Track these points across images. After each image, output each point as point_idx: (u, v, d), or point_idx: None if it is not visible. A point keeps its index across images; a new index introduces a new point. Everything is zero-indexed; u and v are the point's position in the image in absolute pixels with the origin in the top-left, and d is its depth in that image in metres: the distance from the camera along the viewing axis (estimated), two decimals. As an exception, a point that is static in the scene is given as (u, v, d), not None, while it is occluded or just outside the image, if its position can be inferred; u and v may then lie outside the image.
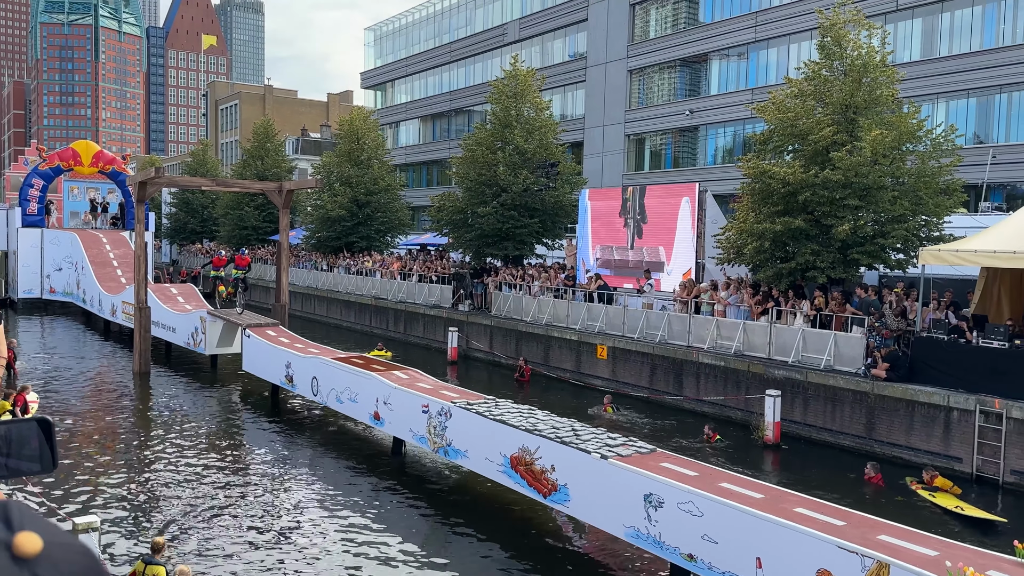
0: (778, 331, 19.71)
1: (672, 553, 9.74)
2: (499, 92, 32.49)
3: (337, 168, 42.52)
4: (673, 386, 21.70)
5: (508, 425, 12.49)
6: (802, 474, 15.85)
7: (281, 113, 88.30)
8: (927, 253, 17.13)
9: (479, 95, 50.38)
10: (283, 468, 15.70)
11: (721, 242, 22.59)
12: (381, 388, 16.01)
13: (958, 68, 31.00)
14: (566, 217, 31.87)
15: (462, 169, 32.50)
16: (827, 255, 19.70)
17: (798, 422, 18.44)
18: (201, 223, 65.29)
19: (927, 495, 14.01)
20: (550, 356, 25.87)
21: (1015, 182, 30.25)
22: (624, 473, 10.40)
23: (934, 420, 16.16)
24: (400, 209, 43.54)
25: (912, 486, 14.52)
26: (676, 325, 22.25)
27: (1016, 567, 7.47)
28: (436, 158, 60.04)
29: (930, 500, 13.81)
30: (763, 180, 20.66)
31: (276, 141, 56.37)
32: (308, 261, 46.01)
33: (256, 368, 21.78)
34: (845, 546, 7.91)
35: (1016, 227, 16.15)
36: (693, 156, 42.55)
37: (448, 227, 33.32)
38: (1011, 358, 15.45)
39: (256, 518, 12.81)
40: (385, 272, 37.37)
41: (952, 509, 13.18)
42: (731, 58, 40.06)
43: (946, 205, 19.90)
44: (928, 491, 14.13)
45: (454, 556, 11.62)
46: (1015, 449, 14.91)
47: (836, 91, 20.38)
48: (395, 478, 15.26)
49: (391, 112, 65.92)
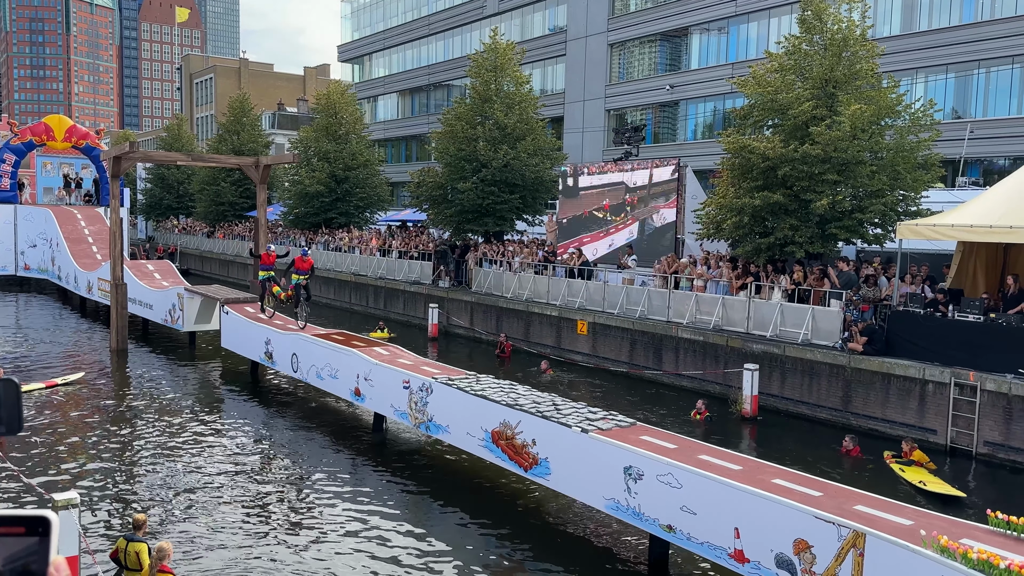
0: (756, 306, 19.85)
1: (651, 524, 9.83)
2: (478, 66, 32.19)
3: (315, 143, 42.06)
4: (653, 361, 21.83)
5: (489, 400, 12.51)
6: (779, 446, 16.04)
7: (257, 87, 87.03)
8: (905, 228, 17.27)
9: (458, 69, 49.93)
10: (263, 444, 15.66)
11: (701, 217, 22.64)
12: (362, 364, 15.96)
13: (937, 43, 31.11)
14: (546, 193, 31.77)
15: (441, 144, 32.25)
16: (806, 230, 19.80)
17: (776, 395, 18.63)
18: (177, 199, 64.52)
19: (897, 469, 14.18)
20: (531, 332, 25.91)
21: (992, 157, 30.54)
22: (604, 446, 10.46)
23: (909, 393, 16.40)
24: (379, 185, 43.21)
25: (888, 461, 14.69)
26: (656, 300, 22.34)
27: (989, 535, 7.61)
28: (415, 133, 59.55)
29: (900, 475, 13.97)
30: (743, 155, 20.68)
31: (252, 116, 55.61)
32: (286, 237, 45.63)
33: (235, 345, 21.64)
34: (822, 516, 8.02)
35: (992, 202, 16.31)
36: (673, 131, 42.51)
37: (428, 203, 33.11)
38: (986, 332, 15.67)
39: (236, 494, 12.78)
40: (364, 249, 37.14)
41: (916, 484, 13.31)
42: (711, 32, 39.92)
43: (924, 180, 20.04)
44: (901, 465, 14.30)
45: (436, 530, 11.67)
46: (988, 421, 15.17)
47: (816, 65, 20.37)
48: (376, 453, 15.27)
49: (369, 86, 65.18)
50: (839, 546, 7.80)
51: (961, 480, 14.06)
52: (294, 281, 19.96)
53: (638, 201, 25.64)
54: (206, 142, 74.08)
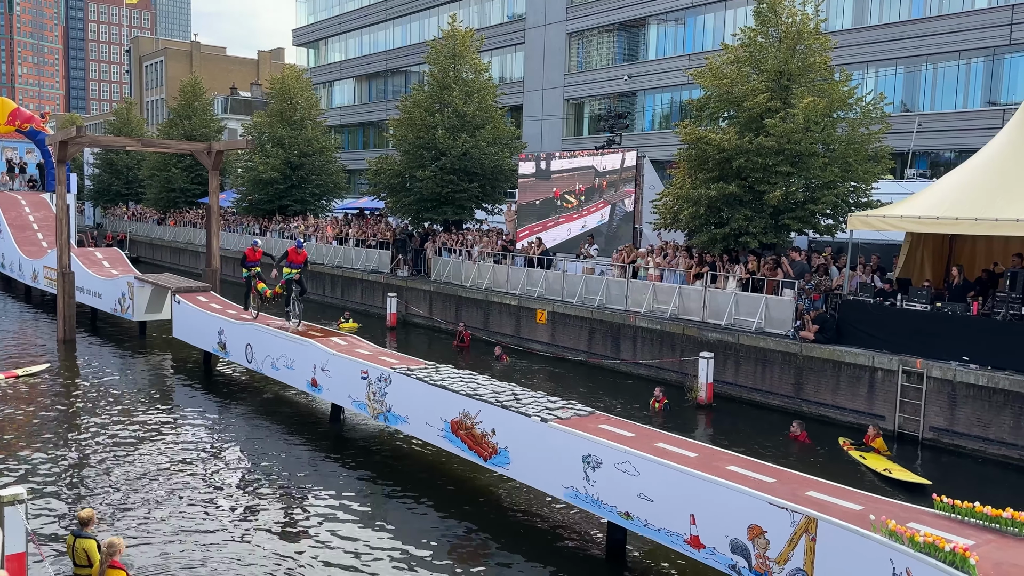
0: (712, 295, 20.13)
1: (609, 512, 9.94)
2: (437, 53, 31.94)
3: (269, 128, 41.36)
4: (611, 349, 22.02)
5: (449, 390, 12.49)
6: (734, 433, 16.32)
7: (209, 71, 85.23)
8: (855, 219, 17.67)
9: (416, 55, 49.50)
10: (217, 437, 15.42)
11: (658, 208, 22.84)
12: (319, 355, 15.80)
13: (887, 37, 31.79)
14: (506, 182, 31.71)
15: (399, 131, 31.95)
16: (760, 220, 20.11)
17: (730, 383, 18.95)
18: (126, 185, 62.98)
19: (858, 456, 14.46)
20: (490, 321, 25.91)
21: (939, 150, 31.36)
22: (563, 435, 10.53)
23: (859, 380, 16.81)
24: (336, 172, 42.69)
25: (845, 448, 14.95)
26: (614, 290, 22.51)
27: (935, 518, 7.86)
28: (372, 119, 58.93)
29: (861, 462, 14.24)
30: (699, 146, 20.90)
31: (204, 100, 54.44)
32: (240, 225, 44.85)
33: (187, 335, 21.24)
34: (775, 502, 8.18)
35: (939, 194, 16.75)
36: (632, 121, 42.74)
37: (386, 191, 32.81)
38: (932, 320, 16.13)
39: (189, 488, 12.57)
40: (320, 237, 36.70)
41: (881, 472, 13.60)
42: (669, 23, 40.19)
43: (874, 172, 20.50)
44: (861, 452, 14.56)
45: (394, 520, 11.63)
46: (934, 407, 15.64)
47: (771, 58, 20.65)
48: (333, 445, 15.15)
49: (325, 71, 64.27)
50: (792, 531, 7.97)
51: (908, 465, 14.45)
52: (285, 276, 18.19)
53: (607, 185, 25.73)
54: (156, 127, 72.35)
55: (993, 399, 14.85)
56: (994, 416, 14.85)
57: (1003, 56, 29.29)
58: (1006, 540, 7.33)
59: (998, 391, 14.76)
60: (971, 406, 15.15)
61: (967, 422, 15.22)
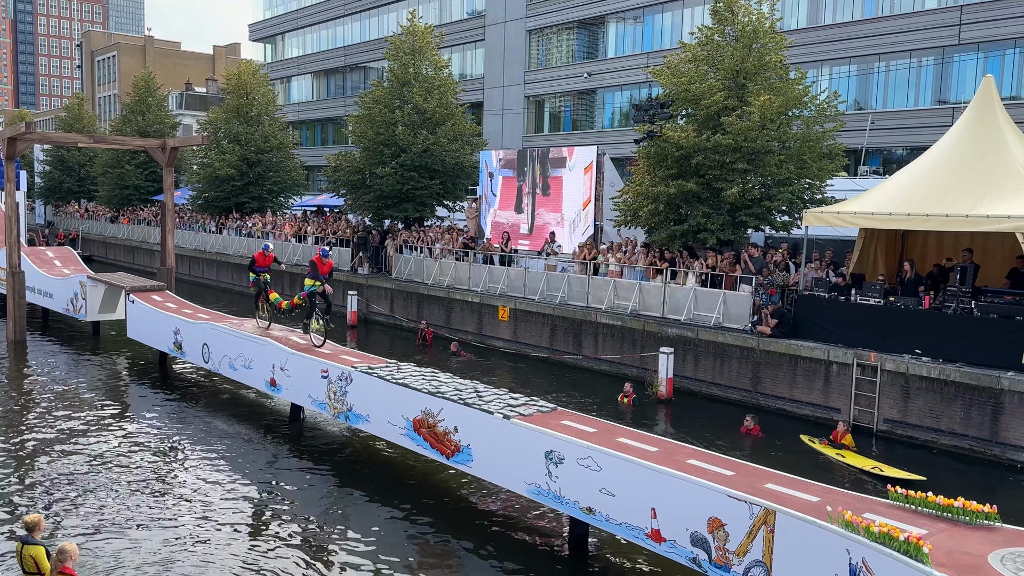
0: (671, 291, 20.32)
1: (572, 507, 9.98)
2: (396, 48, 31.72)
3: (225, 125, 40.69)
4: (573, 346, 22.11)
5: (410, 388, 12.42)
6: (693, 427, 16.51)
7: (163, 66, 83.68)
8: (810, 215, 17.97)
9: (375, 51, 49.12)
10: (173, 439, 15.13)
11: (618, 205, 22.98)
12: (278, 354, 15.59)
13: (840, 36, 32.38)
14: (467, 179, 31.64)
15: (359, 128, 31.66)
16: (717, 217, 20.36)
17: (690, 377, 19.16)
18: (78, 182, 61.50)
19: (834, 454, 14.54)
20: (452, 319, 25.84)
21: (891, 147, 32.06)
22: (526, 432, 10.54)
23: (815, 373, 17.12)
24: (294, 168, 42.19)
25: (817, 446, 14.97)
26: (576, 286, 22.60)
27: (889, 509, 8.02)
28: (331, 116, 58.33)
29: (841, 460, 14.27)
30: (658, 144, 21.07)
31: (158, 96, 53.40)
32: (195, 223, 44.08)
33: (142, 335, 20.81)
34: (734, 495, 8.29)
35: (892, 190, 17.11)
36: (591, 119, 42.95)
37: (345, 188, 32.51)
38: (885, 314, 16.49)
39: (145, 492, 12.32)
40: (278, 235, 36.23)
41: (870, 470, 13.65)
42: (628, 21, 40.45)
43: (828, 169, 20.87)
44: (837, 450, 14.65)
45: (357, 520, 11.54)
46: (888, 400, 16.00)
47: (728, 56, 20.89)
48: (293, 445, 14.97)
49: (282, 66, 63.45)
50: (751, 523, 8.08)
51: (863, 455, 14.73)
52: (308, 288, 16.14)
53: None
54: (109, 123, 70.82)
55: (944, 391, 15.24)
56: (945, 408, 15.24)
57: (952, 56, 30.04)
58: (957, 528, 7.53)
59: (949, 383, 15.15)
60: (923, 398, 15.53)
61: (920, 414, 15.59)
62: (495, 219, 28.53)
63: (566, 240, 25.67)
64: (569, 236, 25.70)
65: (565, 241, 25.67)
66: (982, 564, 6.77)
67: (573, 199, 25.72)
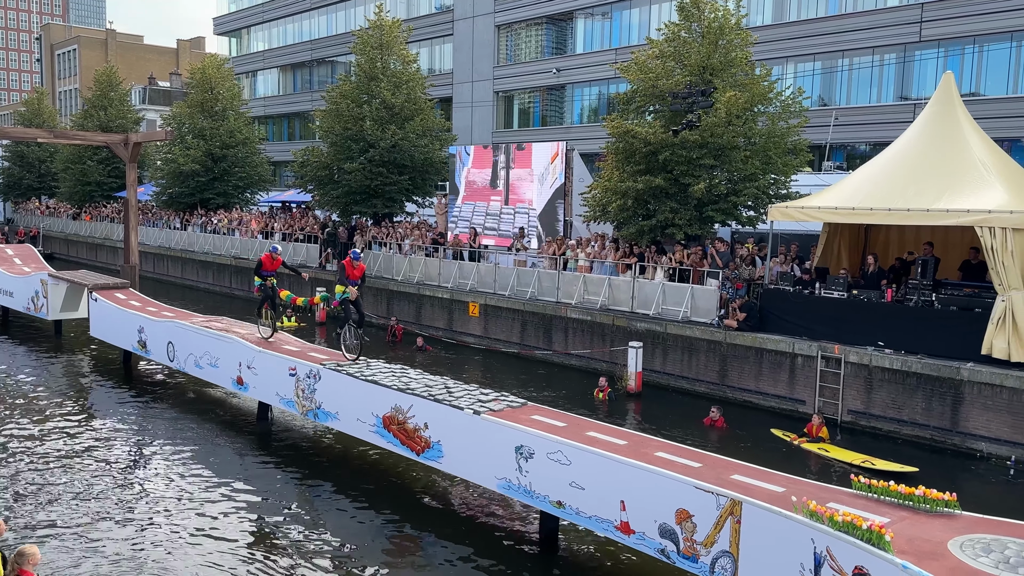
0: (640, 286, 20.46)
1: (542, 501, 10.02)
2: (364, 43, 31.47)
3: (189, 119, 40.12)
4: (543, 341, 22.16)
5: (380, 385, 12.37)
6: (662, 420, 16.65)
7: (126, 60, 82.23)
8: (775, 210, 18.21)
9: (342, 45, 48.64)
10: (138, 439, 14.91)
11: (587, 200, 23.07)
12: (244, 352, 15.42)
13: (805, 33, 32.76)
14: (436, 174, 31.51)
15: (326, 123, 31.38)
16: (685, 212, 20.53)
17: (658, 371, 19.32)
18: (38, 178, 60.22)
19: (817, 448, 14.64)
20: (422, 315, 25.75)
21: (854, 143, 32.51)
22: (496, 427, 10.55)
23: (780, 366, 17.35)
24: (260, 164, 41.71)
25: (796, 440, 15.05)
26: (545, 282, 22.65)
27: (853, 498, 8.17)
28: (298, 110, 57.72)
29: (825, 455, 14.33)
30: (626, 139, 21.19)
31: (121, 90, 52.38)
32: (160, 219, 43.42)
33: (105, 334, 20.47)
34: (701, 486, 8.38)
35: (855, 185, 17.39)
36: (560, 115, 43.00)
37: (312, 183, 32.21)
38: (849, 307, 16.76)
39: (110, 494, 12.13)
40: (245, 231, 35.82)
41: (860, 464, 13.74)
42: (596, 17, 40.54)
43: (793, 164, 21.15)
44: (820, 445, 14.75)
45: (327, 518, 11.47)
46: (851, 391, 16.27)
47: (694, 53, 21.05)
48: (261, 444, 14.84)
49: (248, 60, 62.63)
50: (718, 514, 8.18)
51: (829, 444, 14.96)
52: (339, 296, 14.34)
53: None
54: (70, 118, 69.37)
55: (906, 382, 15.53)
56: (907, 398, 15.54)
57: (913, 53, 30.55)
58: (918, 517, 7.69)
59: (911, 374, 15.45)
60: (886, 389, 15.82)
61: (883, 404, 15.89)
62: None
63: (535, 195, 25.83)
64: (538, 190, 25.79)
65: (535, 196, 25.80)
66: (942, 551, 6.93)
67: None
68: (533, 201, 26.05)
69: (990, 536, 7.25)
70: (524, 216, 26.31)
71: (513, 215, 26.69)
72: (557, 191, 25.24)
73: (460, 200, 28.46)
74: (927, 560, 6.70)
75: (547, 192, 25.56)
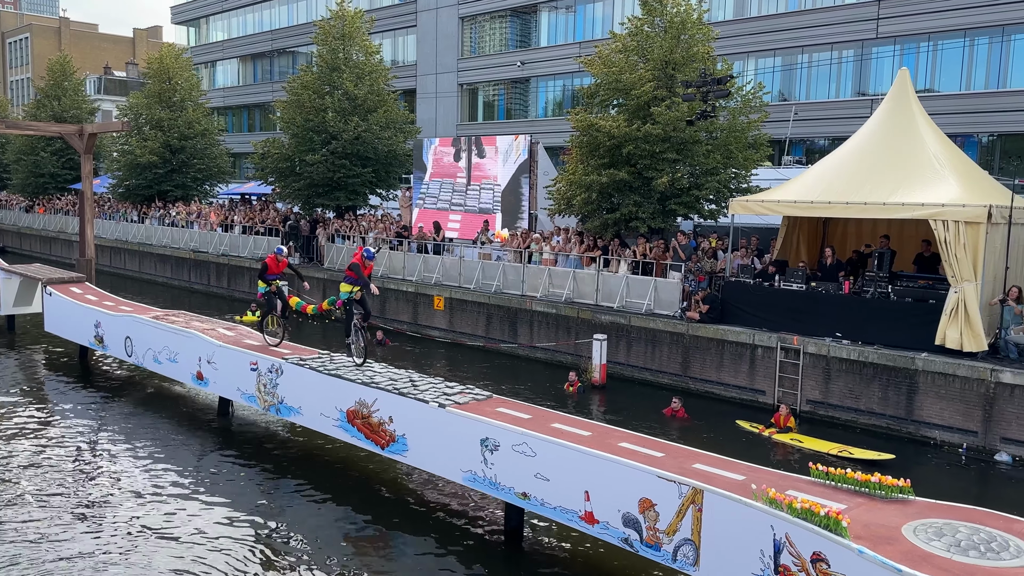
0: (604, 279, 20.59)
1: (507, 493, 10.06)
2: (325, 33, 31.12)
3: (146, 110, 39.33)
4: (508, 334, 22.20)
5: (344, 379, 12.29)
6: (626, 411, 16.79)
7: (80, 49, 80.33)
8: (736, 203, 18.44)
9: (304, 35, 48.09)
10: (95, 435, 14.63)
11: (552, 193, 23.13)
12: (204, 347, 15.20)
13: (765, 29, 33.17)
14: (400, 167, 31.32)
15: (287, 114, 30.99)
16: (648, 206, 20.69)
17: (622, 363, 19.47)
18: (-11, 170, 58.52)
19: (789, 439, 14.82)
20: (387, 308, 25.61)
21: (813, 137, 33.04)
22: (461, 420, 10.56)
23: (741, 357, 17.61)
24: (219, 155, 41.08)
25: (765, 432, 15.22)
26: (510, 275, 22.68)
27: (811, 485, 8.34)
28: (258, 101, 56.92)
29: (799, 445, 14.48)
30: (590, 133, 21.27)
31: (75, 79, 51.15)
32: (116, 212, 42.53)
33: (60, 329, 20.02)
34: (664, 475, 8.49)
35: (814, 179, 17.68)
36: (525, 108, 43.01)
37: (274, 176, 31.80)
38: (807, 299, 17.07)
39: (67, 492, 11.89)
40: (204, 224, 35.26)
41: (837, 454, 13.94)
42: (559, 10, 40.58)
43: (753, 159, 21.42)
44: (794, 435, 14.92)
45: (291, 515, 11.38)
46: (810, 381, 16.58)
47: (657, 47, 21.19)
48: (223, 440, 14.65)
49: (206, 50, 61.56)
50: (680, 503, 8.29)
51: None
52: (343, 295, 13.32)
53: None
54: (22, 108, 67.58)
55: (863, 372, 15.87)
56: (864, 388, 15.88)
57: (871, 49, 31.12)
58: (874, 503, 7.87)
59: (867, 364, 15.79)
60: (844, 379, 16.15)
61: (840, 394, 16.21)
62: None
63: (499, 167, 25.86)
64: (502, 167, 25.88)
65: (499, 172, 25.88)
66: (897, 535, 7.11)
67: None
68: (498, 177, 26.14)
69: (942, 520, 7.46)
70: (489, 192, 26.37)
71: (479, 191, 26.74)
72: (521, 166, 25.34)
73: (428, 177, 28.39)
74: (882, 545, 6.87)
75: (511, 168, 25.67)
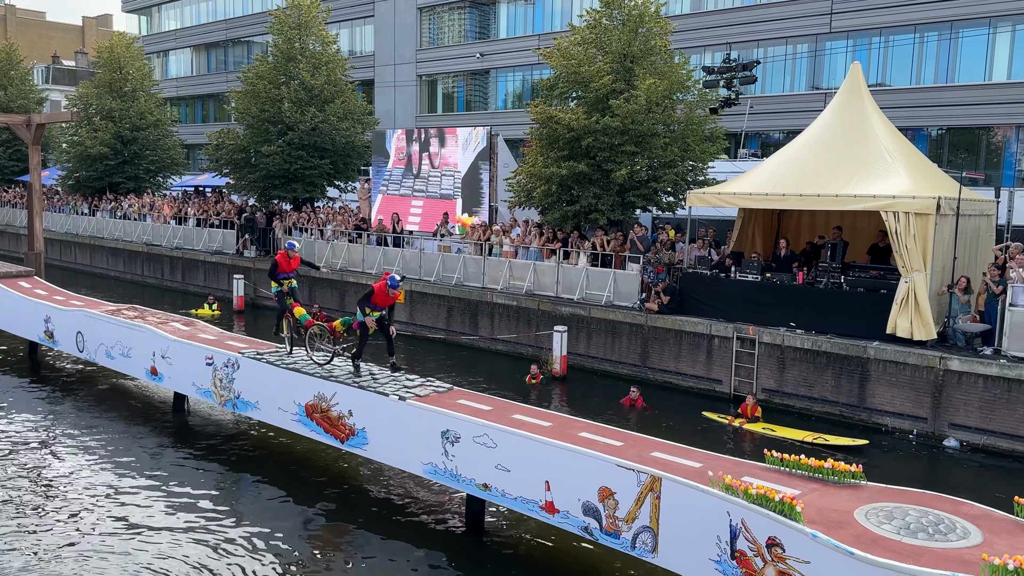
0: (564, 271, 20.68)
1: (468, 484, 10.07)
2: (281, 22, 30.63)
3: (97, 100, 38.36)
4: (469, 326, 22.19)
5: (302, 373, 12.17)
6: (586, 402, 16.93)
7: (27, 37, 77.97)
8: (693, 196, 18.66)
9: (259, 25, 47.32)
10: (47, 433, 14.28)
11: (512, 186, 23.13)
12: (158, 341, 14.92)
13: (721, 23, 33.56)
14: (359, 158, 31.02)
15: (242, 104, 30.45)
16: (607, 198, 20.82)
17: (583, 354, 19.60)
18: (-70, 161, 56.53)
19: (761, 428, 14.99)
20: (346, 302, 25.39)
21: (769, 131, 33.57)
22: (422, 412, 10.54)
23: (699, 347, 17.85)
24: (172, 147, 40.28)
25: (735, 422, 15.36)
26: (471, 267, 22.64)
27: (766, 472, 8.50)
28: (212, 92, 55.91)
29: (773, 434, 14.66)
30: (550, 125, 21.31)
31: (21, 68, 49.70)
32: (66, 204, 41.45)
33: (8, 324, 19.47)
34: (623, 464, 8.58)
35: (769, 172, 17.96)
36: (485, 100, 42.91)
37: (228, 167, 31.26)
38: (762, 290, 17.35)
39: (18, 491, 11.59)
40: (156, 216, 34.56)
41: (813, 441, 14.15)
42: (518, 2, 40.53)
43: (710, 151, 21.67)
44: (764, 425, 15.10)
45: (250, 511, 11.25)
46: (765, 370, 16.88)
47: (615, 40, 21.29)
48: (178, 436, 14.42)
49: (159, 39, 60.25)
50: (638, 491, 8.39)
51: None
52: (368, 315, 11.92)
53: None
54: (-36, 96, 65.23)
55: (817, 361, 16.20)
56: (818, 376, 16.22)
57: (824, 43, 31.68)
58: (828, 488, 8.06)
59: (821, 353, 16.12)
60: (798, 368, 16.47)
61: (795, 383, 16.53)
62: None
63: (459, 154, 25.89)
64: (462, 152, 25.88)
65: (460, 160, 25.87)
66: (849, 519, 7.29)
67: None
68: (458, 164, 26.10)
69: (892, 504, 7.66)
70: (450, 179, 26.31)
71: (440, 178, 26.66)
72: (480, 153, 25.34)
73: (391, 164, 28.18)
74: (835, 529, 7.03)
75: (471, 155, 25.66)
